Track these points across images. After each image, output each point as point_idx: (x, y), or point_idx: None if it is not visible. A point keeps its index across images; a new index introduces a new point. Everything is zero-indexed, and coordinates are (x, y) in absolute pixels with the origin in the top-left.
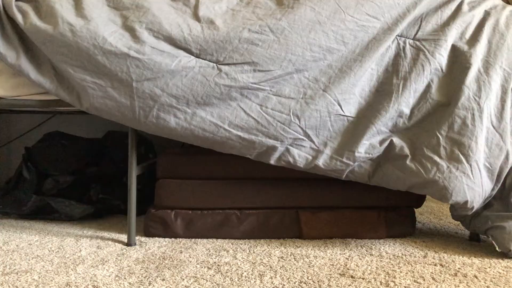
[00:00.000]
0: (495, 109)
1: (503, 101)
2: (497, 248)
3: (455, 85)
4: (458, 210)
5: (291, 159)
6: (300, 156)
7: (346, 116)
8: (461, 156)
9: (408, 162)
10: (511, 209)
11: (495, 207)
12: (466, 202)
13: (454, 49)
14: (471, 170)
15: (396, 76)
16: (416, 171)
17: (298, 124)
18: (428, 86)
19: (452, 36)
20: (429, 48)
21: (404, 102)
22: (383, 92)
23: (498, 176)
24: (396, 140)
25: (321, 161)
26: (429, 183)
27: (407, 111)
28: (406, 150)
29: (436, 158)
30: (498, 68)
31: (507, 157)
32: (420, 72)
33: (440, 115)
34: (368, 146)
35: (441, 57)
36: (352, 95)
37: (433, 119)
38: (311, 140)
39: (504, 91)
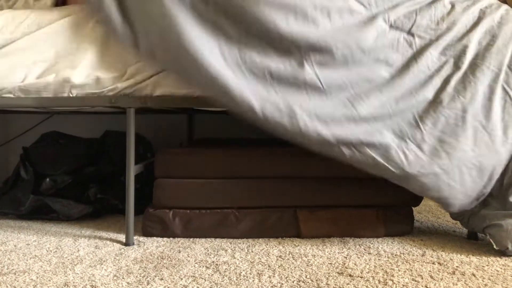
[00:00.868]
0: (482, 109)
1: (490, 101)
2: (494, 246)
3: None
4: (442, 207)
5: None
6: None
7: None
8: (442, 153)
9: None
10: (508, 208)
11: (493, 205)
12: (446, 198)
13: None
14: (451, 168)
15: None
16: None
17: None
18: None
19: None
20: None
21: None
22: None
23: (490, 175)
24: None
25: None
26: (410, 176)
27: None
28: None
29: (419, 153)
30: (486, 68)
31: (498, 156)
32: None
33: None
34: None
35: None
36: None
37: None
38: None
39: (491, 91)
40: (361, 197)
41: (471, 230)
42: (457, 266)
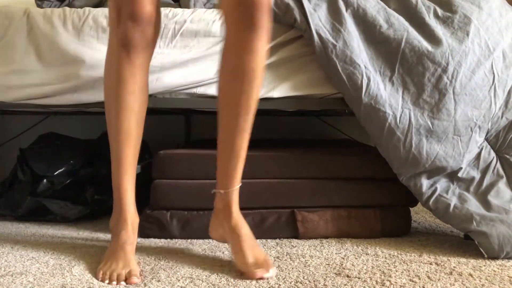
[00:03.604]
0: None
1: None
2: (485, 255)
3: None
4: None
5: None
6: None
7: None
8: None
9: None
10: (490, 209)
11: (473, 202)
12: None
13: None
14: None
15: None
16: None
17: None
18: None
19: None
20: None
21: None
22: None
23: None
24: None
25: None
26: None
27: None
28: None
29: None
30: None
31: None
32: None
33: None
34: None
35: None
36: None
37: None
38: None
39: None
40: (359, 198)
41: (446, 223)
42: (454, 267)
